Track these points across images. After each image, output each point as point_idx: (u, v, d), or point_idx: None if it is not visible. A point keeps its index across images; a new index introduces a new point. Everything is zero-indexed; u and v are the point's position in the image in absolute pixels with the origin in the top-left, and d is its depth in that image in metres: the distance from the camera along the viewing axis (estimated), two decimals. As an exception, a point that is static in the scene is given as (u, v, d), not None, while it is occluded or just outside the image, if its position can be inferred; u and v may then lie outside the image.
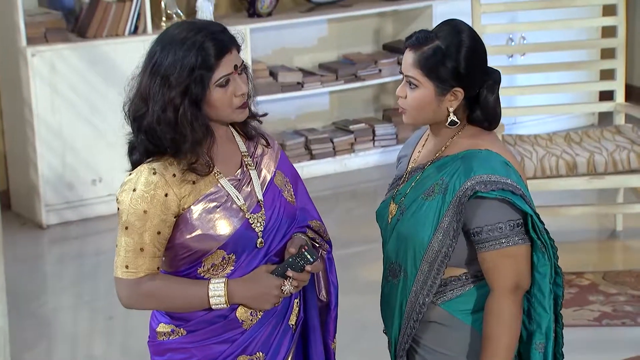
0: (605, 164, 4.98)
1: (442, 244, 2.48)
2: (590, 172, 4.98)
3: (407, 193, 2.59)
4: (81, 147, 5.78)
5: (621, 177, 4.99)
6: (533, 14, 5.70)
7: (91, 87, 5.73)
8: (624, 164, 4.99)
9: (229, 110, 2.44)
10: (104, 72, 5.71)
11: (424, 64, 2.47)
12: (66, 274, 5.37)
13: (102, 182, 5.87)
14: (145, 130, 2.42)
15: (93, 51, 5.75)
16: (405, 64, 2.51)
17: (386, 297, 2.66)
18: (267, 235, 2.50)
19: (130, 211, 2.42)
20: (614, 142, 5.12)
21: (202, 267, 2.47)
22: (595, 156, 4.99)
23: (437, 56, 2.46)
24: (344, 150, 6.44)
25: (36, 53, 5.61)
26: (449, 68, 2.46)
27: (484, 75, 2.52)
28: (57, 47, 5.67)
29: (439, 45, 2.47)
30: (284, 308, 2.54)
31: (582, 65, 5.85)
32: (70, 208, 5.86)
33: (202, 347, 2.50)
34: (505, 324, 2.46)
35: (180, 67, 2.36)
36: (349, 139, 6.46)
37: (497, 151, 2.52)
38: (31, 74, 5.60)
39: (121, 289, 2.47)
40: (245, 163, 2.53)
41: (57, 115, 5.70)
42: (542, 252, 2.48)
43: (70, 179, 5.81)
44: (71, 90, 5.71)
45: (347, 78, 6.43)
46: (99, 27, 5.79)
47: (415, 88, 2.50)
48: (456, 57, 2.46)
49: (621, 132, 5.25)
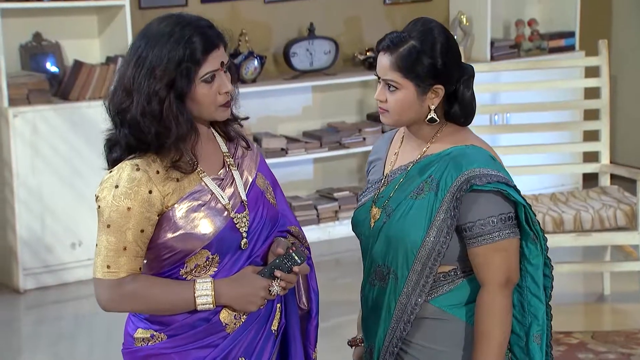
0: (592, 221, 4.94)
1: (436, 242, 2.45)
2: (577, 229, 4.94)
3: (392, 196, 2.56)
4: (61, 209, 5.71)
5: (608, 234, 4.95)
6: (516, 75, 5.72)
7: (72, 149, 5.69)
8: (611, 221, 4.96)
9: (212, 107, 2.40)
10: (85, 134, 5.67)
11: (401, 64, 2.47)
12: (43, 337, 5.22)
13: (81, 245, 5.77)
14: (129, 124, 2.35)
15: (75, 113, 5.72)
16: (382, 68, 2.50)
17: (371, 302, 2.60)
18: (251, 237, 2.44)
19: (112, 208, 2.34)
20: (600, 201, 5.09)
21: (184, 268, 2.39)
22: (582, 213, 4.96)
23: (413, 55, 2.46)
24: (328, 218, 6.41)
25: (18, 114, 5.58)
26: (426, 65, 2.46)
27: (460, 69, 2.52)
28: (39, 108, 5.65)
29: (413, 44, 2.47)
30: (266, 313, 2.46)
31: (567, 126, 5.86)
32: (49, 272, 5.75)
33: (183, 352, 2.40)
34: (497, 318, 2.45)
35: (168, 59, 2.32)
36: (333, 207, 6.42)
37: (481, 146, 2.52)
38: (12, 135, 5.56)
39: (102, 291, 2.37)
40: (227, 163, 2.48)
41: (37, 176, 5.64)
42: (533, 244, 2.48)
43: (49, 242, 5.72)
44: (52, 151, 5.66)
45: (332, 145, 6.42)
46: (82, 90, 5.78)
47: (395, 90, 2.50)
48: (432, 54, 2.47)
49: (607, 193, 5.22)
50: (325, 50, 6.43)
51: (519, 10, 7.22)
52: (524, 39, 7.01)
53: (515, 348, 2.54)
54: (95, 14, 5.99)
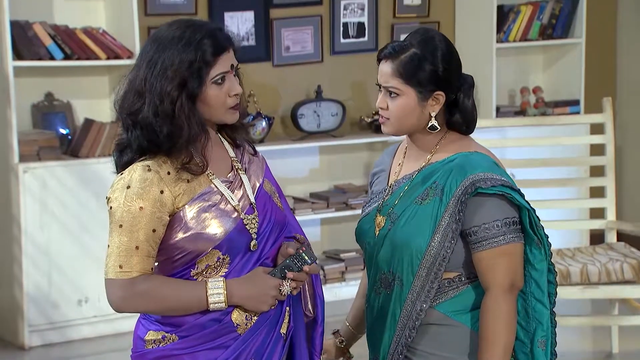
0: (599, 274, 4.93)
1: (441, 247, 2.47)
2: (584, 282, 4.92)
3: (396, 203, 2.58)
4: (68, 266, 5.71)
5: (615, 287, 4.93)
6: (521, 132, 5.77)
7: (81, 206, 5.72)
8: (618, 275, 4.94)
9: (222, 109, 2.43)
10: (94, 190, 5.70)
11: (402, 71, 2.51)
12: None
13: (88, 302, 5.77)
14: (141, 125, 2.38)
15: (85, 169, 5.76)
16: (384, 75, 2.54)
17: (376, 310, 2.61)
18: (260, 239, 2.46)
19: (124, 209, 2.37)
20: (606, 256, 5.08)
21: (195, 269, 2.41)
22: (589, 266, 4.95)
23: (415, 62, 2.51)
24: (335, 279, 6.40)
25: (28, 170, 5.62)
26: (427, 72, 2.50)
27: (460, 78, 2.56)
28: (49, 164, 5.69)
29: (414, 51, 2.52)
30: (276, 315, 2.47)
31: (573, 182, 5.88)
32: (54, 329, 5.73)
33: (194, 353, 2.41)
34: (503, 323, 2.45)
35: (179, 61, 2.36)
36: (340, 268, 6.42)
37: (485, 153, 2.56)
38: (22, 190, 5.59)
39: (114, 291, 2.38)
40: (235, 167, 2.51)
41: (45, 232, 5.66)
42: (537, 249, 2.50)
43: (56, 299, 5.71)
44: (61, 207, 5.69)
45: (338, 206, 6.44)
46: (92, 147, 5.84)
47: (396, 97, 2.53)
48: (433, 61, 2.51)
49: (614, 249, 5.22)
50: (333, 113, 6.51)
51: (524, 78, 7.32)
52: (529, 106, 7.08)
53: (519, 355, 2.53)
54: (107, 73, 6.09)
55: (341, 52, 6.69)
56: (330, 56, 6.68)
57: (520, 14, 6.99)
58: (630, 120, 7.52)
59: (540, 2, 7.06)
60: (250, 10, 6.38)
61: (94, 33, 5.89)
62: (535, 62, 7.37)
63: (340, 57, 6.70)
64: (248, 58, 6.27)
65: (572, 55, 7.12)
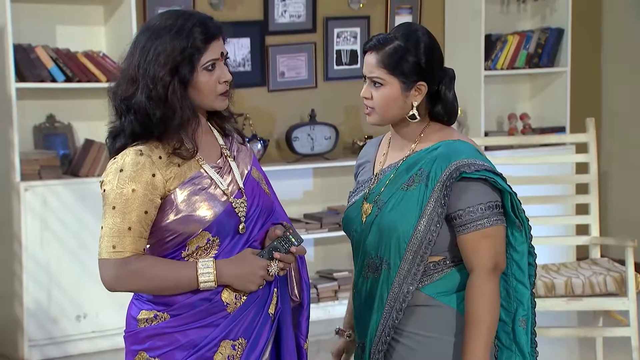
0: (583, 286, 5.07)
1: (427, 231, 2.55)
2: (569, 294, 5.06)
3: (382, 191, 2.68)
4: (67, 282, 5.83)
5: (599, 299, 5.07)
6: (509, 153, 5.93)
7: (80, 223, 5.85)
8: (601, 287, 5.08)
9: (212, 95, 2.53)
10: (94, 209, 5.82)
11: (387, 62, 2.63)
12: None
13: (86, 318, 5.89)
14: (135, 109, 2.47)
15: (85, 188, 5.90)
16: (368, 66, 2.66)
17: (364, 295, 2.69)
18: (249, 222, 2.55)
19: (117, 191, 2.46)
20: (590, 270, 5.23)
21: (186, 251, 2.50)
22: (573, 279, 5.09)
23: (399, 53, 2.63)
24: (328, 298, 6.52)
25: (29, 188, 5.75)
26: (410, 63, 2.62)
27: (442, 71, 2.68)
28: (50, 182, 5.82)
29: (399, 43, 2.64)
30: (264, 296, 2.56)
31: (557, 199, 6.05)
32: (54, 344, 5.84)
33: (185, 331, 2.50)
34: (487, 303, 2.53)
35: (172, 47, 2.46)
36: (333, 287, 6.54)
37: (467, 141, 2.66)
38: (23, 208, 5.72)
39: (107, 270, 2.46)
40: (225, 154, 2.61)
41: (45, 249, 5.78)
42: (519, 231, 2.59)
43: (55, 314, 5.83)
44: (61, 225, 5.82)
45: (331, 227, 6.57)
46: (92, 167, 5.98)
47: (380, 87, 2.64)
48: (416, 53, 2.63)
49: (597, 264, 5.36)
50: (326, 136, 6.67)
51: (511, 105, 7.50)
52: (517, 132, 7.26)
53: (501, 334, 2.62)
54: (107, 96, 6.22)
55: (334, 78, 6.88)
56: (323, 82, 6.86)
57: (507, 43, 7.18)
58: (615, 146, 7.72)
59: (527, 33, 7.26)
60: (246, 37, 6.57)
61: (95, 56, 6.05)
62: (522, 89, 7.56)
63: (333, 82, 6.88)
64: (244, 83, 6.44)
65: (558, 83, 7.32)
